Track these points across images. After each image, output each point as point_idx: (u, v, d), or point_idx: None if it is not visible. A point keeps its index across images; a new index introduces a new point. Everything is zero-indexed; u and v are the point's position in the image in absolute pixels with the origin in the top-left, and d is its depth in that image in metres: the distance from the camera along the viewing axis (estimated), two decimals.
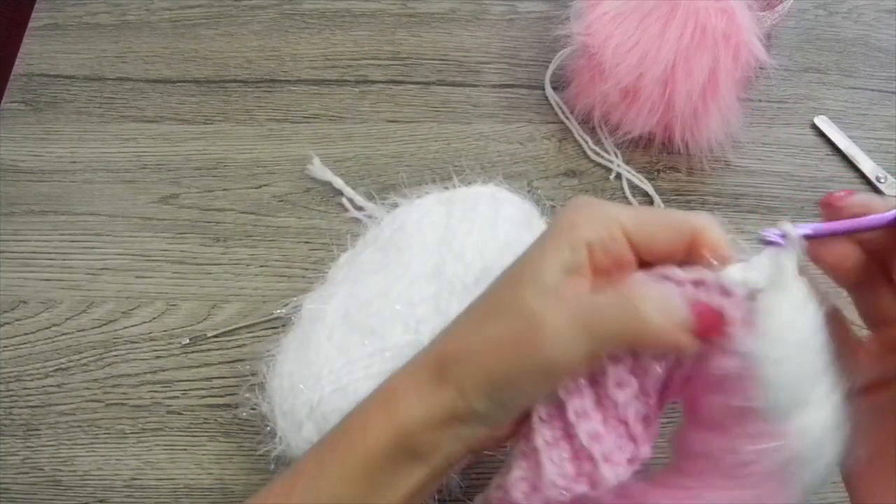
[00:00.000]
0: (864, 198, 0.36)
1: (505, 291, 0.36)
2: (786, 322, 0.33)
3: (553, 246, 0.35)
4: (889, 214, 0.34)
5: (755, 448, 0.34)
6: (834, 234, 0.35)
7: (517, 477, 0.37)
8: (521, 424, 0.38)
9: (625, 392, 0.36)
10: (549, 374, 0.35)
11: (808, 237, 0.35)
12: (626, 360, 0.36)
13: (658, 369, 0.36)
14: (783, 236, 0.34)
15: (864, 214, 0.35)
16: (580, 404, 0.36)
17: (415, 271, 0.48)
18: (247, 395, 0.49)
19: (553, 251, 0.35)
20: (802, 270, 0.34)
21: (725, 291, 0.34)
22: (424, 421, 0.36)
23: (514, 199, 0.53)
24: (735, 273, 0.34)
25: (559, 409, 0.36)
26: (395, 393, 0.37)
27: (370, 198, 0.59)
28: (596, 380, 0.36)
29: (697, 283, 0.35)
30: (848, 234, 0.36)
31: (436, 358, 0.37)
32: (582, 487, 0.36)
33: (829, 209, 0.36)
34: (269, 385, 0.47)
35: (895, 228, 0.35)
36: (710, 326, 0.34)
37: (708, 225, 0.35)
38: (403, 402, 0.36)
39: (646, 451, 0.36)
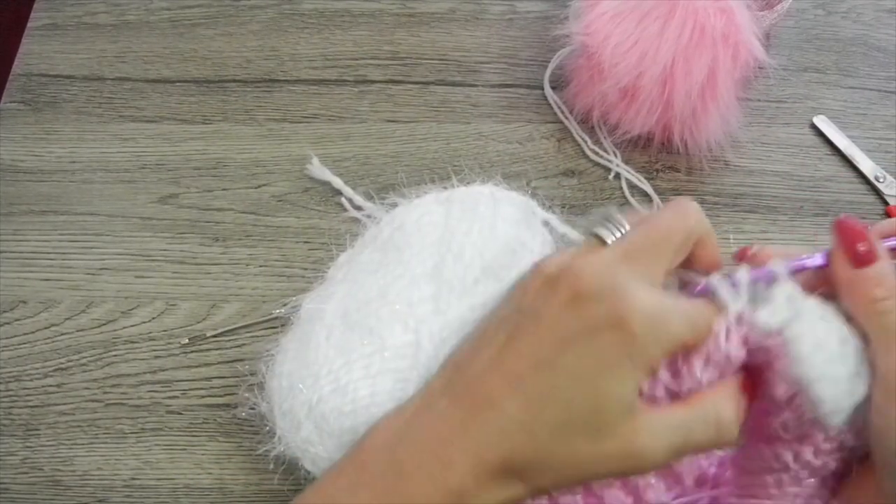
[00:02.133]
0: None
1: (582, 411, 0.35)
2: (813, 345, 0.35)
3: (633, 364, 0.34)
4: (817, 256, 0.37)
5: (823, 451, 0.37)
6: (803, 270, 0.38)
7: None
8: None
9: None
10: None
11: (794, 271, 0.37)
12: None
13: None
14: (770, 276, 0.36)
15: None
16: None
17: (414, 271, 0.48)
18: (246, 395, 0.49)
19: (633, 371, 0.34)
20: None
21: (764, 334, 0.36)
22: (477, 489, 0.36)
23: (514, 198, 0.53)
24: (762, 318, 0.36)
25: None
26: (460, 491, 0.36)
27: (369, 197, 0.59)
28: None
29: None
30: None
31: (505, 462, 0.35)
32: None
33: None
34: (267, 385, 0.47)
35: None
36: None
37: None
38: (455, 470, 0.35)
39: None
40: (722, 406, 0.36)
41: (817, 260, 0.37)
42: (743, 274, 0.36)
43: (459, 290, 0.46)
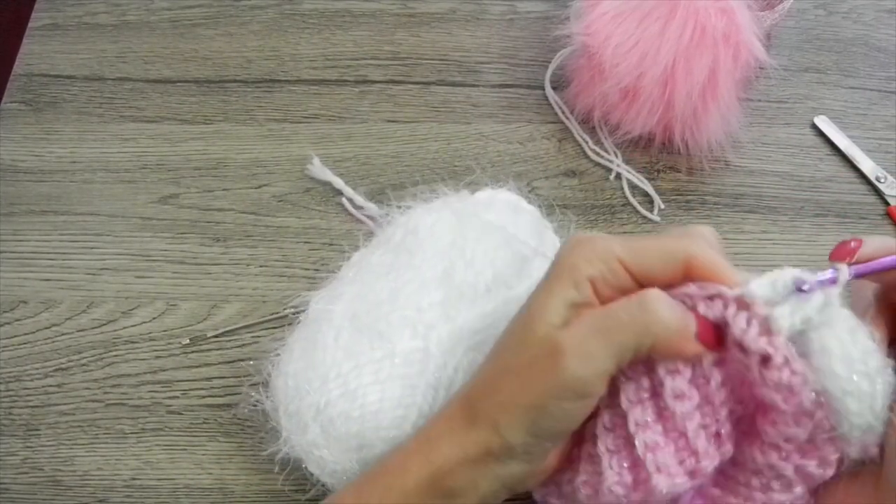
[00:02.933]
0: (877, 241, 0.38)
1: (518, 331, 0.38)
2: (843, 356, 0.34)
3: (558, 286, 0.36)
4: None
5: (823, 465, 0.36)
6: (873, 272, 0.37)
7: (581, 480, 0.38)
8: (564, 454, 0.40)
9: (683, 403, 0.36)
10: (578, 391, 0.35)
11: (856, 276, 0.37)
12: (684, 371, 0.36)
13: (718, 377, 0.36)
14: (833, 279, 0.36)
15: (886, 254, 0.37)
16: (640, 415, 0.37)
17: (424, 276, 0.47)
18: (249, 394, 0.49)
19: (559, 291, 0.36)
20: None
21: (744, 304, 0.35)
22: (461, 459, 0.37)
23: (528, 208, 0.53)
24: (757, 289, 0.35)
25: (622, 418, 0.37)
26: (432, 435, 0.38)
27: (370, 198, 0.59)
28: (657, 391, 0.37)
29: (713, 298, 0.36)
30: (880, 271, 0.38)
31: (466, 399, 0.38)
32: (639, 496, 0.37)
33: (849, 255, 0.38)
34: (273, 383, 0.47)
35: None
36: (710, 336, 0.36)
37: (700, 252, 0.36)
38: (440, 443, 0.37)
39: (707, 464, 0.36)
40: (653, 296, 0.35)
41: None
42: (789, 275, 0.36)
43: (470, 297, 0.46)
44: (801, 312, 0.35)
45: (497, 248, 0.48)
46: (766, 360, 0.34)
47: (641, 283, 0.37)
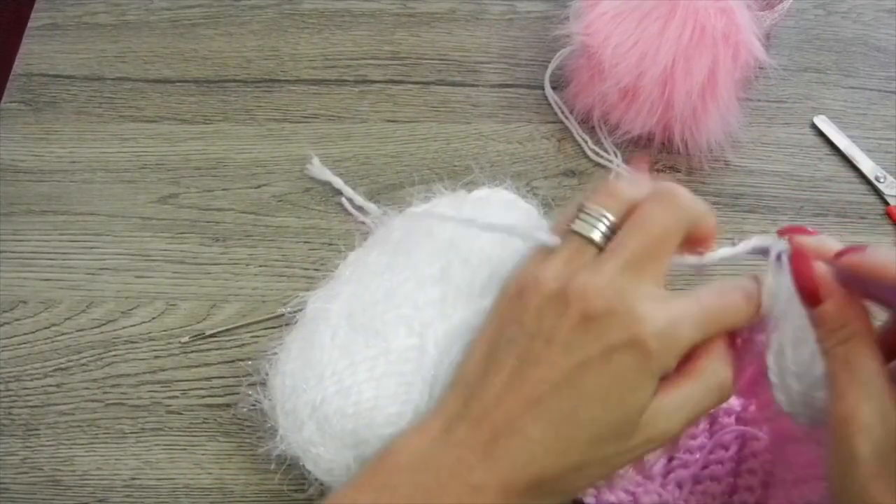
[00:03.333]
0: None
1: (614, 426, 0.36)
2: (776, 352, 0.37)
3: (651, 367, 0.36)
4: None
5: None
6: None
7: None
8: None
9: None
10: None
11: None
12: None
13: None
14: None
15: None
16: None
17: (421, 274, 0.47)
18: (248, 393, 0.49)
19: (651, 376, 0.36)
20: None
21: None
22: None
23: (525, 206, 0.53)
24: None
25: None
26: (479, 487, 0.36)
27: (369, 197, 0.59)
28: None
29: None
30: None
31: (533, 483, 0.36)
32: None
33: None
34: (270, 382, 0.47)
35: None
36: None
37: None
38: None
39: None
40: (720, 369, 0.37)
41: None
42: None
43: (466, 295, 0.46)
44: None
45: (495, 247, 0.48)
46: None
47: None
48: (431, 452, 0.37)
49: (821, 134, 0.63)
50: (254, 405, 0.48)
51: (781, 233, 0.38)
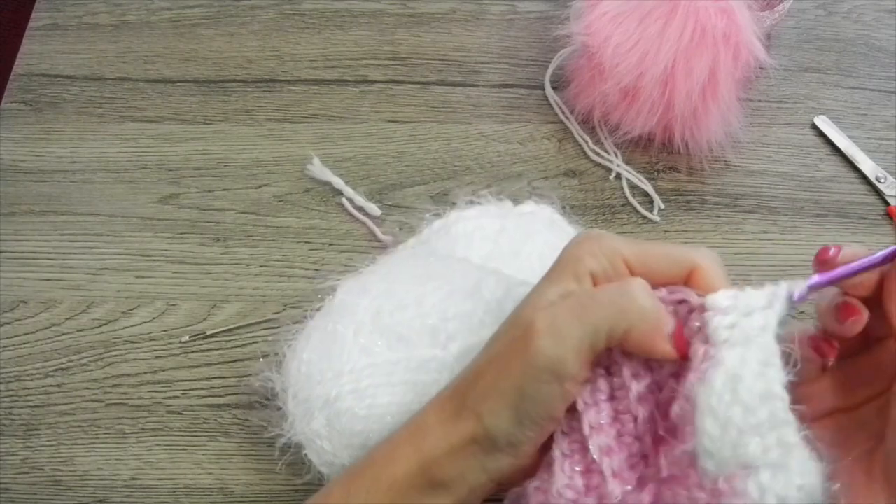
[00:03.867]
0: (851, 250, 0.37)
1: (509, 319, 0.38)
2: (731, 377, 0.32)
3: (558, 277, 0.37)
4: (878, 255, 0.35)
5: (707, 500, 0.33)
6: (832, 282, 0.36)
7: (534, 486, 0.37)
8: (548, 444, 0.38)
9: (643, 407, 0.36)
10: (553, 371, 0.35)
11: (812, 288, 0.35)
12: (644, 376, 0.36)
13: (674, 385, 0.35)
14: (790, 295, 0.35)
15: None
16: (595, 417, 0.36)
17: (455, 285, 0.46)
18: (263, 369, 0.49)
19: (558, 281, 0.37)
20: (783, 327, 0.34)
21: (703, 315, 0.34)
22: (448, 450, 0.36)
23: (568, 229, 0.53)
24: (721, 300, 0.35)
25: (579, 422, 0.37)
26: (421, 425, 0.38)
27: (370, 198, 0.59)
28: (614, 395, 0.37)
29: (681, 302, 0.36)
30: (845, 278, 0.36)
31: (456, 390, 0.38)
32: (590, 502, 0.36)
33: (825, 266, 0.37)
34: (286, 365, 0.47)
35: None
36: (682, 342, 0.35)
37: (708, 264, 0.36)
38: (428, 434, 0.37)
39: (655, 472, 0.35)
40: (638, 291, 0.35)
41: (878, 258, 0.35)
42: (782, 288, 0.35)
43: (496, 313, 0.44)
44: (741, 327, 0.33)
45: (533, 266, 0.47)
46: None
47: None
48: (409, 420, 0.39)
49: (821, 134, 0.63)
50: (265, 382, 0.48)
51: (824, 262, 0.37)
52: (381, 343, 0.45)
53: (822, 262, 0.36)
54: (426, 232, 0.51)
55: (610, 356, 0.37)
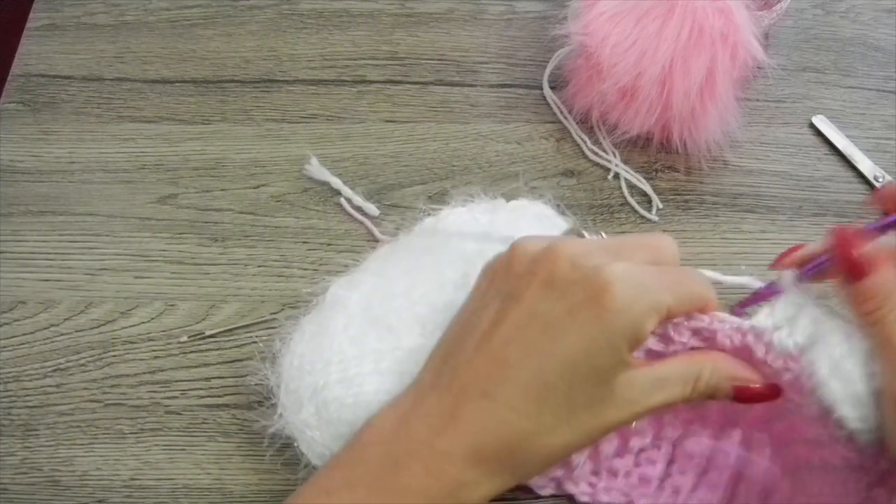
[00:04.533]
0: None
1: (579, 397, 0.35)
2: (831, 368, 0.35)
3: (620, 341, 0.35)
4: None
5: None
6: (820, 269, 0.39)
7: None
8: None
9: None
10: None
11: (804, 277, 0.39)
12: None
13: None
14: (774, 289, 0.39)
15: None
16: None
17: (443, 277, 0.47)
18: (259, 367, 0.49)
19: (622, 348, 0.35)
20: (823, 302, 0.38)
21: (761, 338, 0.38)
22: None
23: (560, 223, 0.53)
24: (763, 319, 0.38)
25: None
26: (459, 478, 0.36)
27: (368, 198, 0.59)
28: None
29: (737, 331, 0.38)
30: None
31: (502, 449, 0.36)
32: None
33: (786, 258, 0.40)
34: (280, 360, 0.47)
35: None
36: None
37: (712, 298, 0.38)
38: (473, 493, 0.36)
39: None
40: (704, 363, 0.37)
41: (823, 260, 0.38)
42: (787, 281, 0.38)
43: None
44: (775, 319, 0.37)
45: None
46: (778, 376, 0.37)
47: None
48: (401, 424, 0.37)
49: (819, 134, 0.63)
50: (261, 382, 0.48)
51: (780, 265, 0.40)
52: (371, 334, 0.45)
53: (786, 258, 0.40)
54: (416, 229, 0.52)
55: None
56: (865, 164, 0.61)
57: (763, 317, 0.38)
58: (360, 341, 0.45)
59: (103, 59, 0.67)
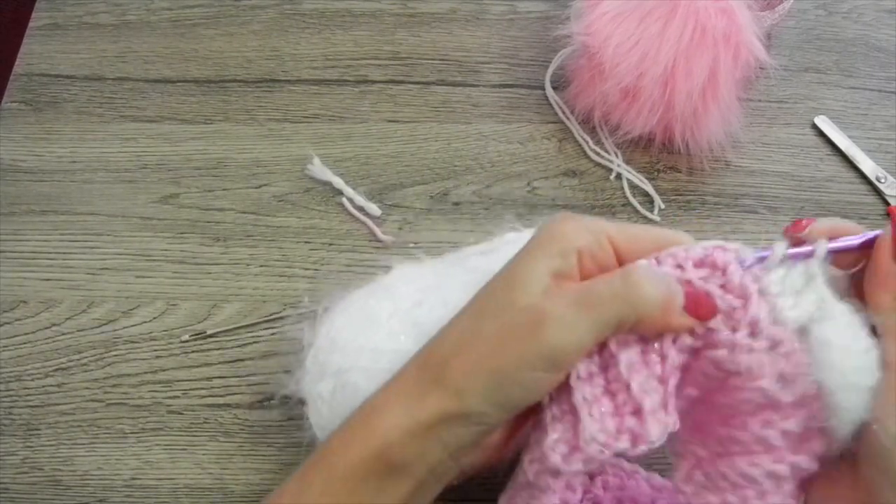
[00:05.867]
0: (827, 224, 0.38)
1: (498, 294, 0.37)
2: (842, 351, 0.34)
3: (543, 253, 0.36)
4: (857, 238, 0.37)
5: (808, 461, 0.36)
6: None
7: (554, 440, 0.36)
8: (514, 433, 0.39)
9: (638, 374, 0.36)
10: (554, 361, 0.35)
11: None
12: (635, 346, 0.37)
13: (676, 358, 0.36)
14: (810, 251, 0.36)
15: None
16: (628, 359, 0.36)
17: None
18: (299, 325, 0.49)
19: (544, 258, 0.36)
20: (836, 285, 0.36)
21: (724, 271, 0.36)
22: (408, 430, 0.35)
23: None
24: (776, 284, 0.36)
25: (602, 367, 0.37)
26: (378, 405, 0.37)
27: (370, 198, 0.59)
28: (608, 364, 0.37)
29: (703, 261, 0.37)
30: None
31: (425, 363, 0.37)
32: (623, 444, 0.35)
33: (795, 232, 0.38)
34: (318, 323, 0.47)
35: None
36: (701, 307, 0.35)
37: (688, 241, 0.37)
38: (386, 414, 0.36)
39: (651, 429, 0.36)
40: (652, 282, 0.35)
41: (858, 240, 0.37)
42: (780, 249, 0.36)
43: None
44: (791, 285, 0.36)
45: None
46: (775, 345, 0.35)
47: (623, 264, 0.37)
48: (366, 401, 0.38)
49: (821, 134, 0.63)
50: (294, 337, 0.49)
51: (796, 229, 0.38)
52: (411, 333, 0.45)
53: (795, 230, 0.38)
54: (496, 241, 0.51)
55: None
56: (867, 165, 0.61)
57: (775, 281, 0.36)
58: (398, 338, 0.45)
59: (105, 59, 0.67)
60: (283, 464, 0.50)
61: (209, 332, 0.54)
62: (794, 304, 0.35)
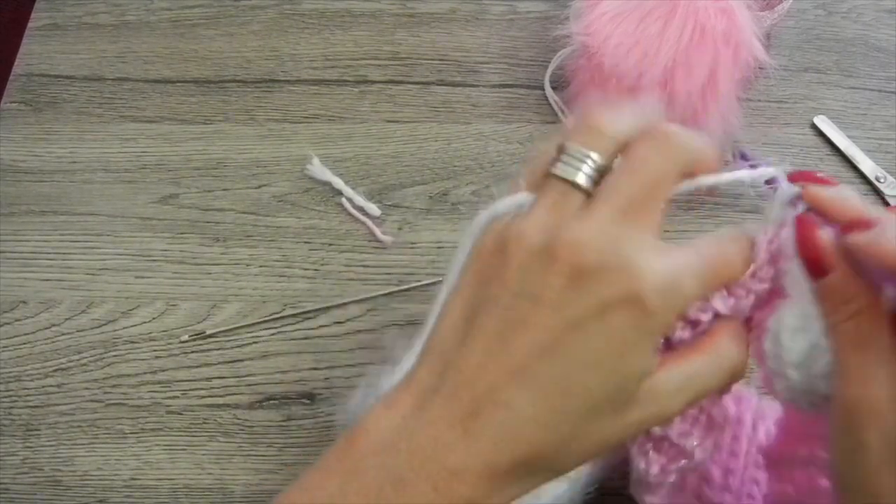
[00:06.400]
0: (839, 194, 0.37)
1: (609, 394, 0.33)
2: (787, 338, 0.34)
3: (640, 344, 0.32)
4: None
5: None
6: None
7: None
8: None
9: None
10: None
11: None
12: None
13: None
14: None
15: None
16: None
17: None
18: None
19: (643, 351, 0.32)
20: None
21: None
22: None
23: None
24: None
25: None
26: (471, 498, 0.32)
27: (370, 198, 0.59)
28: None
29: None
30: None
31: (519, 461, 0.33)
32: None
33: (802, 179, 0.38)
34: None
35: None
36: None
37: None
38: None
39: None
40: (733, 348, 0.34)
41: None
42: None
43: None
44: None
45: None
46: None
47: None
48: (402, 432, 0.33)
49: (821, 134, 0.63)
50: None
51: (793, 178, 0.36)
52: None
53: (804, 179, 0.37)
54: None
55: None
56: (867, 165, 0.61)
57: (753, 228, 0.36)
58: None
59: (105, 59, 0.67)
60: (282, 464, 0.50)
61: (209, 332, 0.54)
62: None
